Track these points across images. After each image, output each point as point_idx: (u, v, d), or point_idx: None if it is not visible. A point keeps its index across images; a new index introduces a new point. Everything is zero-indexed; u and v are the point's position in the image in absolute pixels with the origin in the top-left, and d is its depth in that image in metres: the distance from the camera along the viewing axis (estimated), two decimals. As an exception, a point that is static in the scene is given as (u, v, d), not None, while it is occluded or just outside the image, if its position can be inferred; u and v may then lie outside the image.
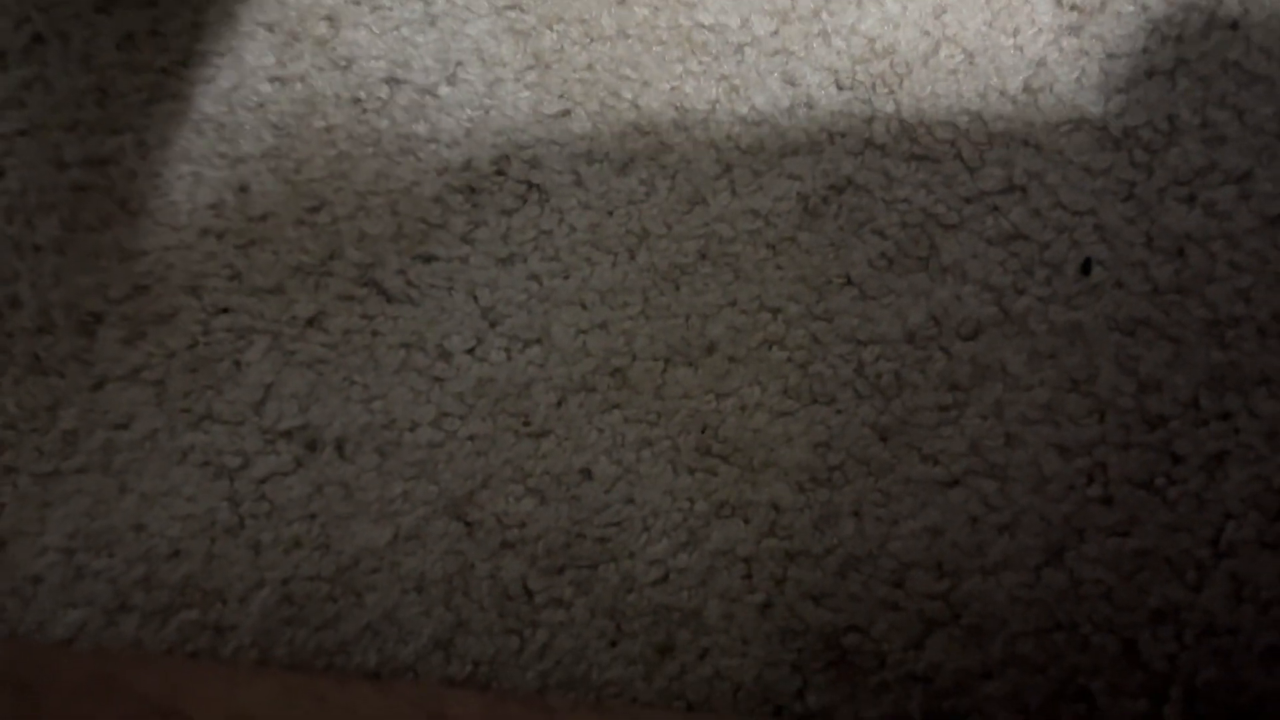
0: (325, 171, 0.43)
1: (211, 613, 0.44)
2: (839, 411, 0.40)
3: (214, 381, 0.44)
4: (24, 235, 0.45)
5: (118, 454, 0.45)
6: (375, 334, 0.43)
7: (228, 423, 0.44)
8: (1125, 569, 0.38)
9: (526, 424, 0.42)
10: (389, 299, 0.43)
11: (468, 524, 0.42)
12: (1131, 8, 0.37)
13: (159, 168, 0.44)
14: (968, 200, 0.38)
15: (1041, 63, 0.38)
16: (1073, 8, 0.38)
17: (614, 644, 0.41)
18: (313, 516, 0.43)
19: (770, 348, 0.40)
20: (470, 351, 0.42)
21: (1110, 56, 0.37)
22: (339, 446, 0.43)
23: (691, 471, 0.41)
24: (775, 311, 0.40)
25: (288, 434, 0.44)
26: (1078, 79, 0.38)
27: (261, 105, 0.43)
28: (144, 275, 0.44)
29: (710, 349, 0.40)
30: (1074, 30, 0.38)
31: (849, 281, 0.39)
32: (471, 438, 0.42)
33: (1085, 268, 0.38)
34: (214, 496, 0.44)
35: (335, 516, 0.43)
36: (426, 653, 0.42)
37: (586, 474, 0.41)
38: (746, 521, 0.40)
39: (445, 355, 0.42)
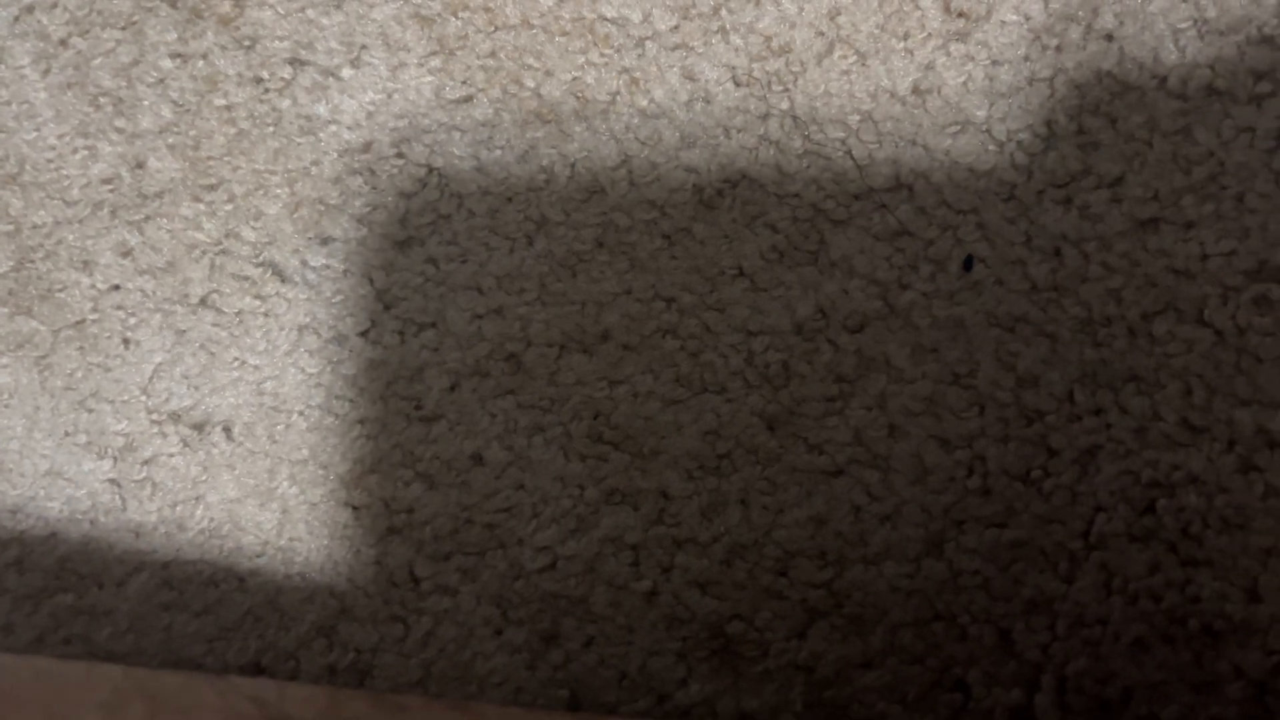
0: (224, 150, 0.43)
1: (87, 597, 0.43)
2: (728, 400, 0.40)
3: (102, 360, 0.43)
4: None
5: (-3, 433, 0.44)
6: (269, 315, 0.43)
7: (113, 402, 0.43)
8: (1002, 560, 0.39)
9: (418, 408, 0.42)
10: (284, 280, 0.43)
11: (355, 509, 0.42)
12: (1015, 17, 0.39)
13: (53, 140, 0.43)
14: (857, 197, 0.40)
15: (930, 66, 0.39)
16: (960, 15, 0.39)
17: (499, 632, 0.41)
18: (198, 499, 0.43)
19: (664, 336, 0.41)
20: (364, 334, 0.42)
21: (994, 63, 0.39)
22: (227, 428, 0.43)
23: (583, 458, 0.41)
24: (669, 301, 0.41)
25: (175, 415, 0.43)
26: (964, 83, 0.39)
27: (161, 81, 0.43)
28: (33, 250, 0.43)
29: (605, 336, 0.41)
30: (961, 36, 0.39)
31: (741, 273, 0.40)
32: (361, 421, 0.42)
33: (967, 265, 0.39)
34: (96, 478, 0.43)
35: (221, 499, 0.43)
36: (309, 640, 0.42)
37: (477, 459, 0.41)
38: (635, 509, 0.40)
39: (339, 338, 0.42)
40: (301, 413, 0.42)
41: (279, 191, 0.42)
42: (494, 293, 0.41)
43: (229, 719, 0.38)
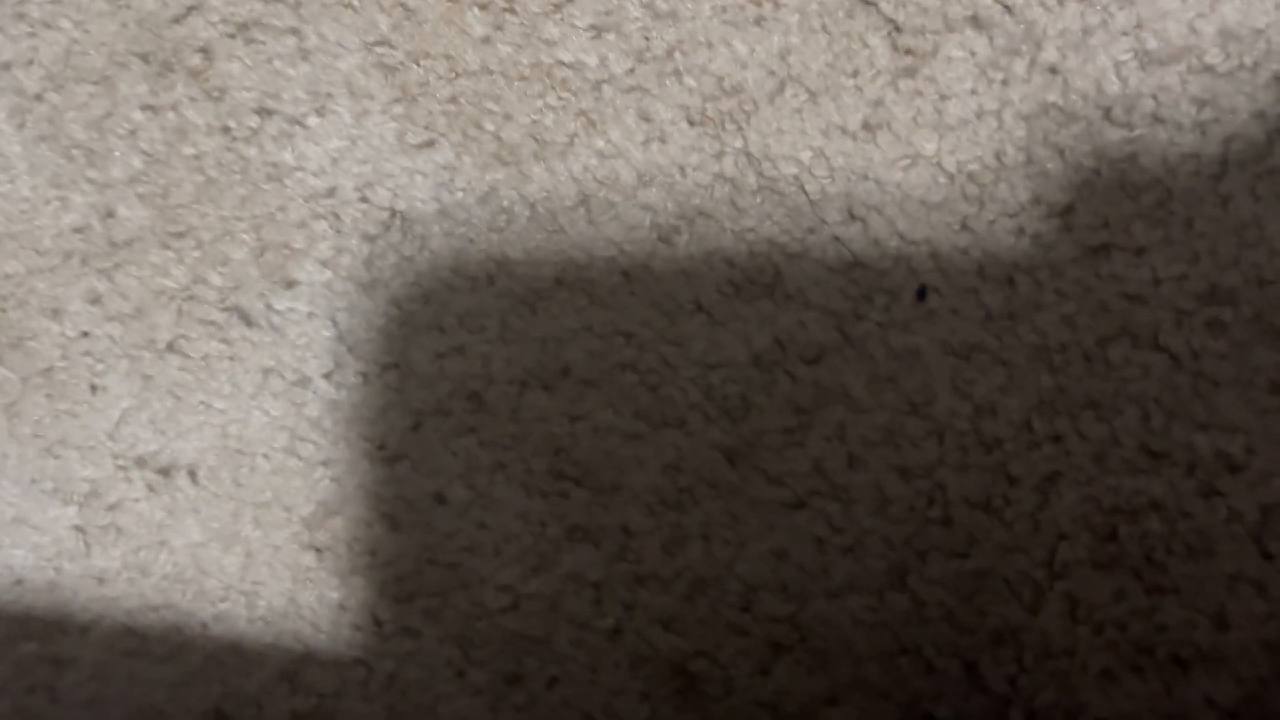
0: (193, 197, 0.44)
1: (51, 645, 0.43)
2: (688, 434, 0.40)
3: (69, 406, 0.44)
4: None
5: (-34, 481, 0.44)
6: (234, 359, 0.43)
7: (80, 448, 0.44)
8: (965, 590, 0.38)
9: (381, 449, 0.42)
10: (250, 324, 0.43)
11: (318, 551, 0.42)
12: (961, 53, 0.40)
13: (26, 192, 0.44)
14: (810, 230, 0.40)
15: (879, 102, 0.40)
16: (907, 52, 0.40)
17: (462, 674, 0.41)
18: (162, 544, 0.43)
19: (623, 371, 0.41)
20: (327, 376, 0.42)
21: (943, 97, 0.40)
22: (192, 472, 0.43)
23: (544, 495, 0.41)
24: (628, 336, 0.41)
25: (141, 460, 0.43)
26: (913, 118, 0.40)
27: (133, 133, 0.44)
28: (4, 299, 0.44)
29: (565, 372, 0.41)
30: (909, 73, 0.40)
31: (699, 307, 0.41)
32: (325, 463, 0.42)
33: (921, 294, 0.39)
34: (61, 524, 0.43)
35: (185, 543, 0.43)
36: (271, 685, 0.41)
37: (440, 499, 0.41)
38: (597, 545, 0.40)
39: (303, 380, 0.43)
40: (266, 455, 0.42)
41: (245, 237, 0.43)
42: (455, 332, 0.42)
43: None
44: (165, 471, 0.43)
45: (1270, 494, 0.37)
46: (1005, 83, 0.39)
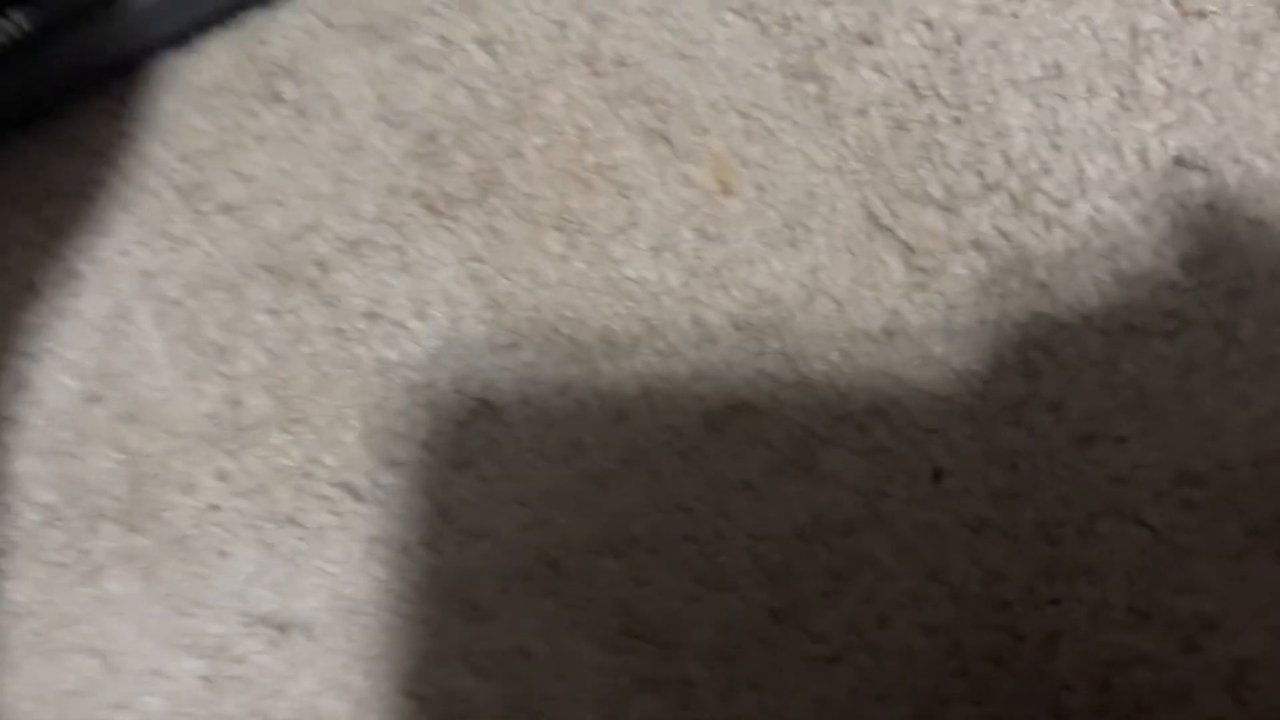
0: (309, 389, 0.51)
1: (182, 783, 0.49)
2: (740, 596, 0.47)
3: (200, 570, 0.51)
4: (35, 439, 0.52)
5: (107, 637, 0.51)
6: (345, 529, 0.50)
7: (210, 607, 0.50)
8: (983, 734, 0.45)
9: (474, 609, 0.48)
10: (358, 498, 0.50)
11: (419, 699, 0.48)
12: (965, 271, 0.47)
13: (165, 383, 0.52)
14: (839, 419, 0.47)
15: (896, 311, 0.48)
16: (919, 269, 0.48)
17: (546, 808, 0.46)
18: (280, 693, 0.49)
19: (683, 541, 0.48)
20: (426, 545, 0.49)
21: (950, 308, 0.47)
22: (308, 629, 0.50)
23: (615, 650, 0.47)
24: (686, 510, 0.48)
25: (264, 618, 0.50)
26: (925, 325, 0.47)
27: (258, 333, 0.52)
28: (146, 476, 0.51)
29: (633, 542, 0.48)
30: (921, 287, 0.48)
31: (746, 485, 0.48)
32: (425, 621, 0.49)
33: (936, 476, 0.46)
34: (192, 675, 0.50)
35: (301, 692, 0.49)
36: (377, 819, 0.47)
37: (524, 653, 0.48)
38: (662, 695, 0.47)
39: (405, 548, 0.49)
40: (373, 614, 0.49)
41: (354, 423, 0.50)
42: (538, 506, 0.49)
43: None
44: (284, 628, 0.49)
45: (1242, 648, 0.43)
46: (1003, 295, 0.47)
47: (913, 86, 0.49)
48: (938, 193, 0.48)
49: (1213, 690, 0.43)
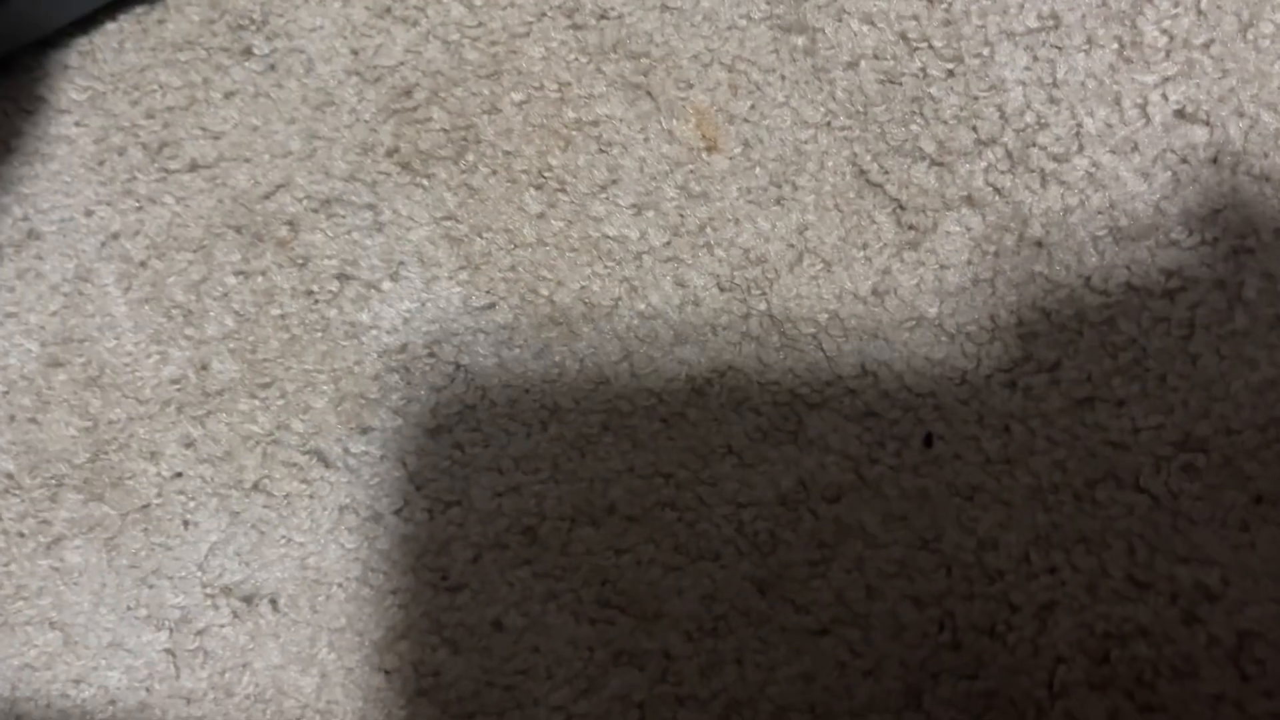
0: (278, 353, 0.49)
1: (141, 761, 0.47)
2: (722, 566, 0.45)
3: (163, 540, 0.49)
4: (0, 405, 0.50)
5: (66, 609, 0.49)
6: (313, 497, 0.48)
7: (172, 578, 0.48)
8: (975, 709, 0.43)
9: (444, 579, 0.47)
10: (328, 465, 0.48)
11: (387, 673, 0.46)
12: (958, 228, 0.46)
13: (130, 347, 0.50)
14: (828, 383, 0.46)
15: (886, 271, 0.46)
16: (910, 227, 0.46)
17: (519, 787, 0.45)
18: (245, 666, 0.47)
19: (663, 509, 0.46)
20: (397, 513, 0.47)
21: (942, 267, 0.46)
22: (274, 600, 0.48)
23: (592, 622, 0.45)
24: (667, 477, 0.46)
25: (228, 589, 0.48)
26: (916, 285, 0.46)
27: (226, 295, 0.50)
28: (108, 443, 0.50)
29: (610, 510, 0.46)
30: (913, 245, 0.46)
31: (730, 451, 0.46)
32: (394, 591, 0.47)
33: (928, 441, 0.44)
34: (153, 648, 0.48)
35: (266, 666, 0.47)
36: (343, 798, 0.45)
37: (497, 625, 0.46)
38: (641, 669, 0.45)
39: (375, 516, 0.48)
40: (340, 585, 0.47)
41: (325, 388, 0.49)
42: (512, 473, 0.47)
43: None
44: (249, 599, 0.48)
45: (1246, 621, 0.41)
46: (997, 254, 0.45)
47: (904, 38, 0.47)
48: (930, 148, 0.46)
49: (1215, 664, 0.41)
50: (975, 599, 0.43)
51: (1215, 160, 0.44)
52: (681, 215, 0.47)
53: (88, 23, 0.53)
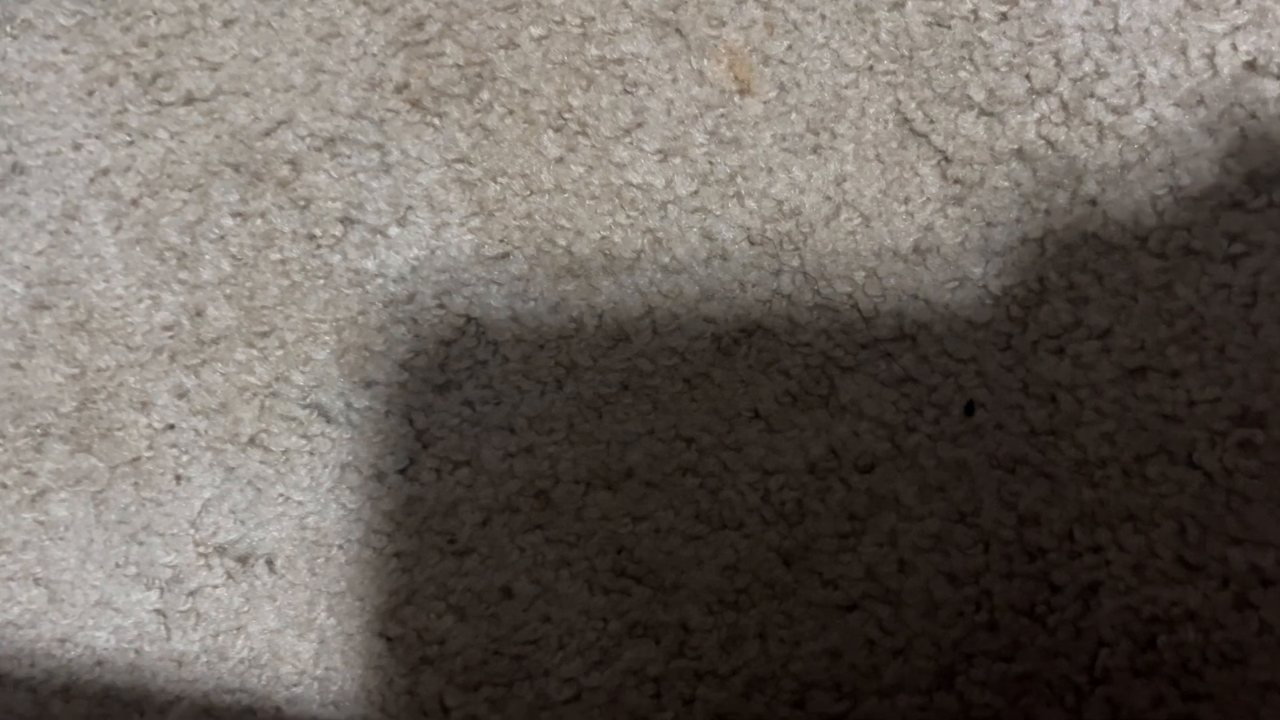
0: (278, 300, 0.46)
1: (129, 725, 0.45)
2: (746, 536, 0.43)
3: (154, 495, 0.46)
4: (-17, 350, 0.48)
5: (51, 565, 0.46)
6: (313, 453, 0.46)
7: (163, 535, 0.46)
8: (1010, 693, 0.40)
9: (452, 542, 0.44)
10: (329, 420, 0.46)
11: (389, 640, 0.44)
12: (1006, 183, 0.43)
13: (120, 291, 0.47)
14: (863, 346, 0.43)
15: (929, 228, 0.43)
16: (956, 181, 0.43)
17: (527, 762, 0.43)
18: (239, 629, 0.45)
19: (684, 474, 0.43)
20: (402, 472, 0.45)
21: (989, 224, 0.43)
22: (270, 561, 0.45)
23: (606, 592, 0.43)
24: (689, 441, 0.44)
25: (222, 548, 0.46)
26: (961, 243, 0.43)
27: (223, 238, 0.47)
28: (96, 391, 0.47)
29: (629, 474, 0.44)
30: (958, 201, 0.43)
31: (757, 415, 0.43)
32: (398, 555, 0.45)
33: (969, 409, 0.42)
34: (143, 608, 0.46)
35: (262, 629, 0.45)
36: (342, 769, 0.43)
37: (507, 592, 0.44)
38: (657, 642, 0.43)
39: (379, 475, 0.45)
40: (341, 546, 0.45)
41: (327, 339, 0.46)
42: (525, 433, 0.44)
43: None
44: (244, 559, 0.45)
45: (1301, 607, 0.39)
46: (1048, 212, 0.42)
47: (955, -23, 0.44)
48: (979, 96, 0.43)
49: (1267, 651, 0.39)
50: (1014, 577, 0.41)
51: (1286, 116, 0.41)
52: (710, 163, 0.44)
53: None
